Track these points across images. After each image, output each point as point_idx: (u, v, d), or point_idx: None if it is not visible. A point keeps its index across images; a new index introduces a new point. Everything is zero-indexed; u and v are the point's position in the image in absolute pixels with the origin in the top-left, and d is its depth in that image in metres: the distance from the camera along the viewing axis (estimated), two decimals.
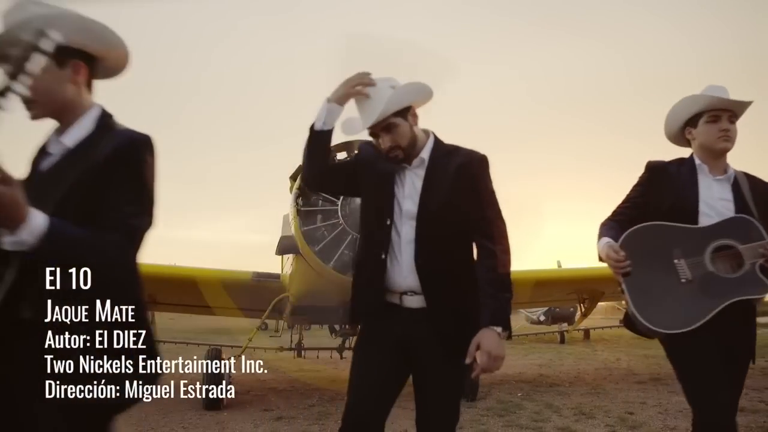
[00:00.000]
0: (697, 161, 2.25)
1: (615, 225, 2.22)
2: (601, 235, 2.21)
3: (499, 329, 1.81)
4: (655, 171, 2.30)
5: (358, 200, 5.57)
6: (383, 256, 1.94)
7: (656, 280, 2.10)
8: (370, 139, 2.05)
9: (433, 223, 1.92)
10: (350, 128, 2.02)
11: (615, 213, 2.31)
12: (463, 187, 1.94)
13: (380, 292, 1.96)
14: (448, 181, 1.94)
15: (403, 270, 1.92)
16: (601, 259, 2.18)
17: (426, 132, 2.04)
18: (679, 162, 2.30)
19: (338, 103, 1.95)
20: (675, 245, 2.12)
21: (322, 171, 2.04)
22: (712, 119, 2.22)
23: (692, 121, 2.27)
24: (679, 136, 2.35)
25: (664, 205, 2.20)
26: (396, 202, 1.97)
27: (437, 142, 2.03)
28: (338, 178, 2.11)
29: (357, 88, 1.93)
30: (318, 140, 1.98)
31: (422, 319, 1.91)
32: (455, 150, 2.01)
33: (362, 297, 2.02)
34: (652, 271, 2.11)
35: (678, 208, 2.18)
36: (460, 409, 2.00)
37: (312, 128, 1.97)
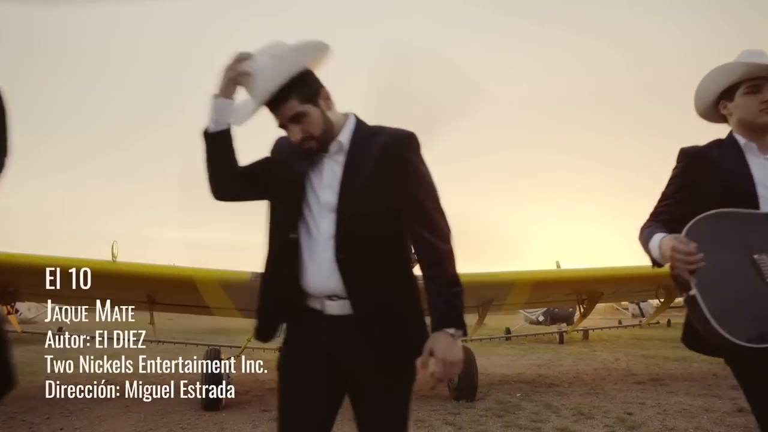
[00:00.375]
0: (741, 140, 1.96)
1: (660, 225, 1.89)
2: (649, 236, 1.86)
3: (451, 330, 1.57)
4: (693, 158, 1.99)
5: None
6: (298, 256, 1.69)
7: (733, 282, 1.73)
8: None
9: (356, 214, 1.67)
10: (239, 116, 1.74)
11: (656, 213, 1.99)
12: (388, 170, 1.68)
13: (296, 298, 1.71)
14: (371, 165, 1.69)
15: (323, 270, 1.66)
16: (655, 264, 1.86)
17: (345, 114, 1.79)
18: (718, 144, 2.00)
19: (225, 96, 1.70)
20: (749, 237, 1.77)
21: (231, 178, 1.77)
22: (751, 90, 1.93)
23: (727, 94, 1.98)
24: (712, 112, 2.06)
25: (713, 195, 1.87)
26: (313, 194, 1.71)
27: (359, 123, 1.78)
28: (255, 180, 1.82)
29: (237, 69, 1.67)
30: (216, 144, 1.73)
31: (349, 327, 1.66)
32: (379, 130, 1.76)
33: (272, 306, 1.77)
34: (726, 270, 1.74)
35: (732, 195, 1.86)
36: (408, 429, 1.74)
37: (206, 133, 1.72)
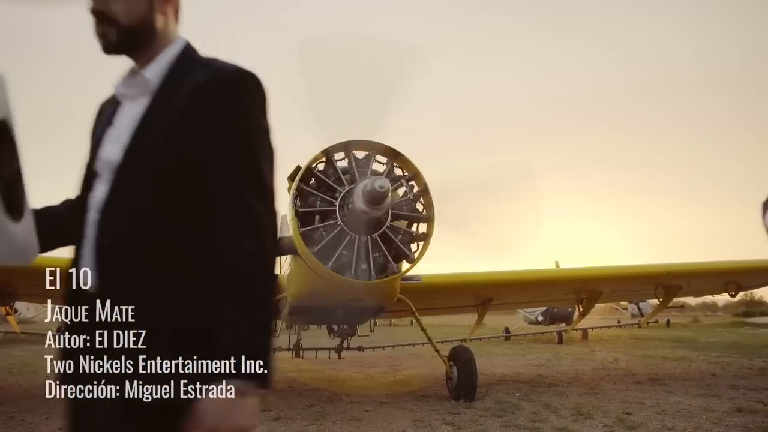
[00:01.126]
0: None
1: None
2: None
3: (239, 383, 1.04)
4: None
5: (357, 199, 5.62)
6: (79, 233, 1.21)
7: None
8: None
9: (140, 181, 1.16)
10: (31, 244, 1.21)
11: None
12: (195, 123, 1.15)
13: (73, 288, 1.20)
14: (174, 116, 1.16)
15: (81, 255, 1.19)
16: None
17: (176, 39, 1.27)
18: None
19: None
20: None
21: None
22: None
23: None
24: None
25: None
26: (102, 149, 1.23)
27: (185, 54, 1.25)
28: None
29: None
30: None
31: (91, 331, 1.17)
32: (201, 65, 1.22)
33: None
34: None
35: None
36: None
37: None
